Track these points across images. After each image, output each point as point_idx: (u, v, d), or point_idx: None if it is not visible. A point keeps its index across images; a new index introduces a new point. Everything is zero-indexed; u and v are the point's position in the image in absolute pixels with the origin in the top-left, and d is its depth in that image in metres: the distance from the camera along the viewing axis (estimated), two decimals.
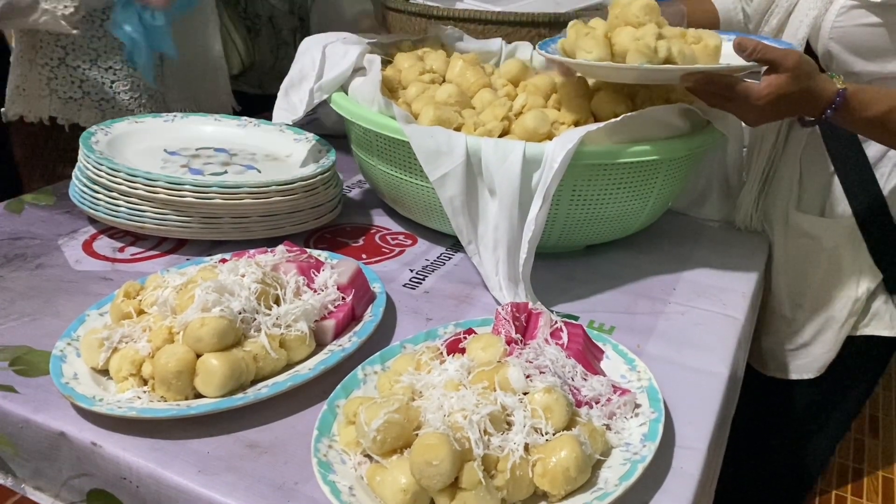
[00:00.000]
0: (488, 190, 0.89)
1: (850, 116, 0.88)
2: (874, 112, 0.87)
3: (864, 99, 0.87)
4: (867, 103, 0.87)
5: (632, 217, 1.00)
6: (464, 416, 0.59)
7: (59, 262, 0.93)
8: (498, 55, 1.26)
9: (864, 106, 0.87)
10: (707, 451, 0.69)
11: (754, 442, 1.28)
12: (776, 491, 1.35)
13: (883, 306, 1.10)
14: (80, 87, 1.27)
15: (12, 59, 1.30)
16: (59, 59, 1.25)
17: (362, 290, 0.83)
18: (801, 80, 0.84)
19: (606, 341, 0.79)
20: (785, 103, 0.86)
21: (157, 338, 0.69)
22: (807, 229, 1.11)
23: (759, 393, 1.20)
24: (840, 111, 0.87)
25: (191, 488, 0.61)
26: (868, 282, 1.08)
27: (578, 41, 0.90)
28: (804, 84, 0.85)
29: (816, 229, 1.10)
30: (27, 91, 1.28)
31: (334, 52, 1.07)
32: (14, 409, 0.68)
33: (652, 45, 0.86)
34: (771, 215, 1.15)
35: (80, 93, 1.27)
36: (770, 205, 1.15)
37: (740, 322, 0.92)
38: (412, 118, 0.95)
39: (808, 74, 0.85)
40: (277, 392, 0.69)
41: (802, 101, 0.87)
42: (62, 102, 1.27)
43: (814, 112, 0.88)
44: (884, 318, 1.11)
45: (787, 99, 0.85)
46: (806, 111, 0.89)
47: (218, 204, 0.93)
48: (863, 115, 0.88)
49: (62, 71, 1.26)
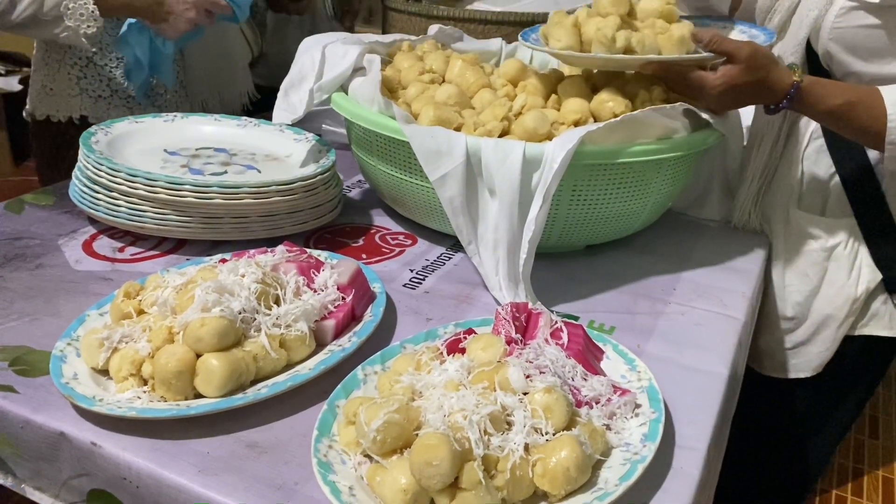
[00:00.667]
0: (488, 190, 0.89)
1: (806, 108, 0.93)
2: (830, 105, 0.91)
3: (819, 92, 0.91)
4: (823, 96, 0.91)
5: (632, 217, 1.00)
6: (464, 417, 0.59)
7: (59, 262, 0.93)
8: (498, 55, 1.26)
9: (820, 99, 0.91)
10: (707, 452, 0.69)
11: (754, 442, 1.27)
12: (776, 491, 1.35)
13: (882, 307, 1.10)
14: (108, 85, 1.30)
15: (34, 60, 1.32)
16: (87, 59, 1.29)
17: (362, 290, 0.83)
18: (755, 72, 0.89)
19: (606, 341, 0.79)
20: (739, 93, 0.91)
21: (157, 338, 0.69)
22: (807, 228, 1.11)
23: (759, 393, 1.19)
24: (796, 102, 0.92)
25: (191, 488, 0.61)
26: (867, 281, 1.08)
27: (550, 29, 0.97)
28: (758, 75, 0.90)
29: (816, 228, 1.10)
30: (55, 90, 1.30)
31: (334, 53, 1.07)
32: (14, 410, 0.68)
33: (610, 35, 0.91)
34: (771, 214, 1.15)
35: (108, 91, 1.30)
36: (770, 203, 1.15)
37: (740, 322, 0.92)
38: (412, 118, 0.95)
39: (763, 66, 0.90)
40: (277, 392, 0.69)
41: (757, 92, 0.92)
42: (92, 101, 1.30)
43: (771, 101, 0.93)
44: (883, 318, 1.11)
45: (740, 89, 0.90)
46: (763, 100, 0.94)
47: (218, 204, 0.93)
48: (819, 108, 0.92)
49: (91, 70, 1.29)
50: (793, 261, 1.13)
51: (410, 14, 1.53)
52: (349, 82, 1.04)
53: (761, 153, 1.13)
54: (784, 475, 1.32)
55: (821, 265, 1.11)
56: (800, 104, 0.93)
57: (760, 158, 1.13)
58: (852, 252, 1.08)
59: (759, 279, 1.06)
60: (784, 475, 1.32)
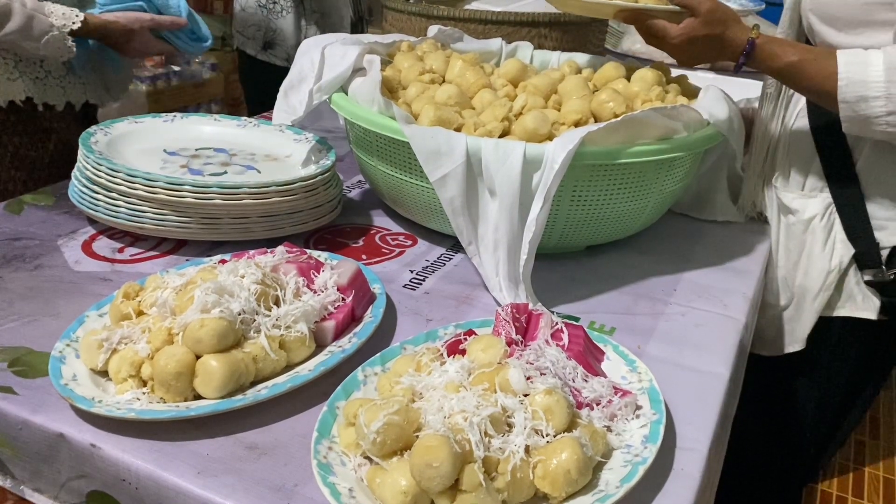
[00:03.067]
0: (488, 190, 0.89)
1: (761, 65, 0.98)
2: (783, 62, 0.96)
3: (774, 50, 0.96)
4: (777, 54, 0.96)
5: (632, 218, 1.00)
6: (464, 418, 0.58)
7: (59, 262, 0.93)
8: (498, 55, 1.26)
9: (773, 56, 0.96)
10: (708, 453, 0.69)
11: (749, 431, 1.28)
12: (775, 486, 1.35)
13: (855, 287, 1.12)
14: (42, 66, 1.28)
15: None
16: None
17: (362, 290, 0.83)
18: (712, 26, 0.96)
19: (607, 342, 0.78)
20: (699, 45, 0.98)
21: (156, 339, 0.69)
22: (788, 204, 1.14)
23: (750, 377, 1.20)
24: (751, 59, 0.98)
25: (190, 490, 0.61)
26: (840, 255, 1.10)
27: None
28: (716, 30, 0.97)
29: (796, 203, 1.13)
30: None
31: (333, 53, 1.07)
32: (13, 411, 0.68)
33: None
34: (767, 196, 1.18)
35: (43, 73, 1.28)
36: (767, 184, 1.18)
37: (741, 322, 0.92)
38: (412, 118, 0.95)
39: (721, 21, 0.97)
40: (277, 393, 0.68)
41: (715, 46, 0.98)
42: (32, 82, 1.27)
43: (729, 58, 0.99)
44: (857, 299, 1.13)
45: (699, 41, 0.98)
46: (722, 56, 1.00)
47: (217, 204, 0.93)
48: (772, 65, 0.97)
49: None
50: (778, 238, 1.17)
51: (410, 14, 1.53)
52: (349, 83, 1.04)
53: (764, 138, 1.17)
54: (783, 472, 1.33)
55: (800, 238, 1.14)
56: (755, 61, 0.98)
57: (763, 143, 1.17)
58: (828, 225, 1.11)
59: (760, 279, 1.06)
60: (783, 472, 1.33)
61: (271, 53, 2.13)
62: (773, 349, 1.21)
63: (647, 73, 1.06)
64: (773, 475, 1.34)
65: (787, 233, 1.15)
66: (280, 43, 2.11)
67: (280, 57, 2.13)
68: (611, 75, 1.08)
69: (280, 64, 2.12)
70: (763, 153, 1.18)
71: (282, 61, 2.12)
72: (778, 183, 1.16)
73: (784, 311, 1.18)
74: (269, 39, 2.12)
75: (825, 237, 1.11)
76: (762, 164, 1.18)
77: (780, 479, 1.34)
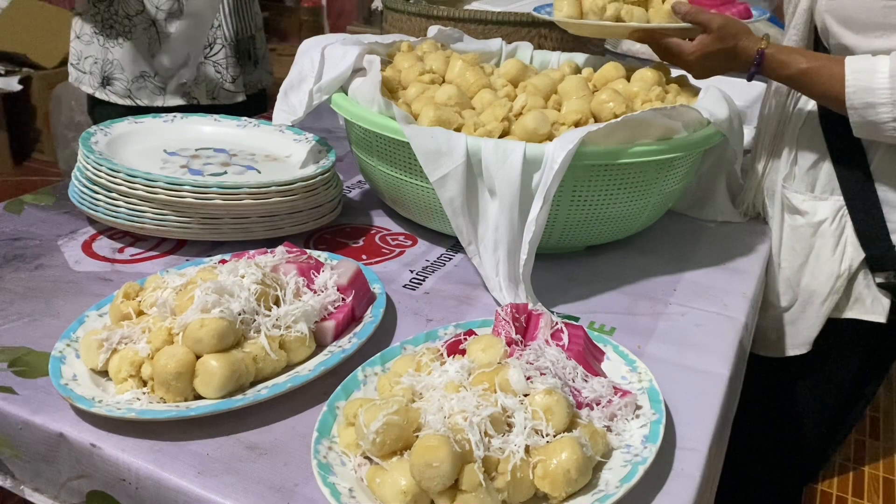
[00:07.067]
0: (488, 191, 0.89)
1: (772, 74, 1.01)
2: (793, 70, 0.98)
3: (782, 59, 0.99)
4: (787, 63, 0.99)
5: (632, 218, 1.00)
6: (464, 418, 0.58)
7: (59, 262, 0.93)
8: (498, 55, 1.26)
9: (783, 65, 0.99)
10: (708, 453, 0.69)
11: (750, 430, 1.28)
12: (776, 491, 1.35)
13: (865, 290, 1.11)
14: None
15: None
16: None
17: (362, 290, 0.83)
18: (725, 40, 1.00)
19: (607, 342, 0.78)
20: (713, 59, 1.02)
21: (156, 339, 0.69)
22: (797, 206, 1.13)
23: (751, 376, 1.20)
24: (762, 69, 1.01)
25: (190, 490, 0.61)
26: (851, 259, 1.10)
27: (556, 2, 1.14)
28: (728, 44, 1.00)
29: (806, 205, 1.12)
30: None
31: (333, 54, 1.07)
32: (13, 411, 0.68)
33: (601, 5, 1.08)
34: (768, 195, 1.18)
35: None
36: (769, 184, 1.18)
37: (741, 323, 0.92)
38: (412, 119, 0.95)
39: (732, 35, 1.00)
40: (277, 393, 0.68)
41: (728, 59, 1.02)
42: None
43: (741, 68, 1.02)
44: (865, 302, 1.12)
45: (713, 56, 1.01)
46: (735, 67, 1.03)
47: (217, 204, 0.93)
48: (782, 73, 1.00)
49: None
50: (784, 239, 1.16)
51: (410, 14, 1.52)
52: (349, 83, 1.04)
53: (766, 135, 1.17)
54: (784, 471, 1.33)
55: (808, 241, 1.13)
56: (766, 70, 1.01)
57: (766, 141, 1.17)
58: (838, 229, 1.10)
59: (760, 279, 1.06)
60: (784, 471, 1.33)
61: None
62: (776, 350, 1.20)
63: (646, 73, 1.06)
64: (773, 475, 1.34)
65: (793, 234, 1.14)
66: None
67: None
68: (611, 75, 1.09)
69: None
70: (766, 153, 1.17)
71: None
72: (786, 183, 1.15)
73: (787, 313, 1.18)
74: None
75: (835, 241, 1.10)
76: (765, 163, 1.18)
77: (780, 479, 1.34)
